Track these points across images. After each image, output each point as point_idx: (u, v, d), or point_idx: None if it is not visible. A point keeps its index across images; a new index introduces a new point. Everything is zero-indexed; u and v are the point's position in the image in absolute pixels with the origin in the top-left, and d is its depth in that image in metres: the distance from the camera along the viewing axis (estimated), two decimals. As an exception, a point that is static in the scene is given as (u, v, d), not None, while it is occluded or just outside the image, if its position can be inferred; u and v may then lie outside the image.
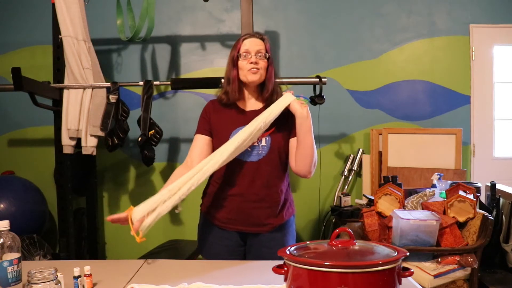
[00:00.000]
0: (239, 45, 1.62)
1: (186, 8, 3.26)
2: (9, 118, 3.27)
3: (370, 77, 3.25)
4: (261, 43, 1.63)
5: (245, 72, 1.60)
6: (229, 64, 1.65)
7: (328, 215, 3.18)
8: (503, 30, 3.23)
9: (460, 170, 3.01)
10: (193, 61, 3.27)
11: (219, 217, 1.65)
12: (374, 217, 2.28)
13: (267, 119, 1.54)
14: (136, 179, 3.26)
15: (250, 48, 1.61)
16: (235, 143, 1.50)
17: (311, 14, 3.26)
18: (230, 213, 1.63)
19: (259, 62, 1.60)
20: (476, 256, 2.12)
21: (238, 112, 1.66)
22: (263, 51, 1.62)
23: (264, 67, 1.62)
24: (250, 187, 1.60)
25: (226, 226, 1.64)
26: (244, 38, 1.64)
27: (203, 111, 1.71)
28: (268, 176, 1.61)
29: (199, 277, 1.34)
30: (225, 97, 1.65)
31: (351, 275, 0.90)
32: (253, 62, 1.59)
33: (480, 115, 3.25)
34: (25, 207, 2.73)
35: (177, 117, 3.22)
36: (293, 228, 1.74)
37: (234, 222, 1.63)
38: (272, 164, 1.62)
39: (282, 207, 1.66)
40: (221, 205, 1.64)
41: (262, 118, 1.54)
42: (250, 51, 1.60)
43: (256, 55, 1.60)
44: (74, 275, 1.20)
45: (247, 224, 1.63)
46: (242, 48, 1.61)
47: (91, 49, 2.62)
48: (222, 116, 1.66)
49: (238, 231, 1.65)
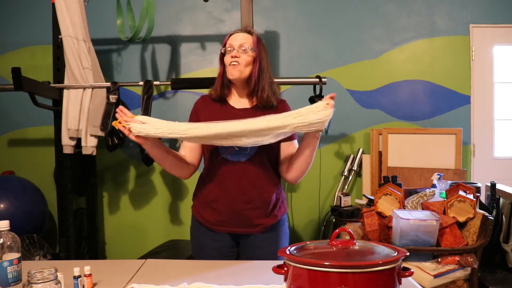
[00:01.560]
0: (225, 41, 1.60)
1: (186, 8, 3.26)
2: (9, 118, 3.27)
3: (370, 77, 3.25)
4: (246, 37, 1.58)
5: (227, 68, 1.57)
6: (219, 60, 1.64)
7: (328, 215, 3.18)
8: (503, 30, 3.23)
9: (460, 170, 3.01)
10: (193, 61, 3.27)
11: (209, 219, 1.63)
12: (374, 217, 2.28)
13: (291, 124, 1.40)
14: (136, 179, 3.26)
15: (233, 42, 1.57)
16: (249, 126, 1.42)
17: (311, 14, 3.26)
18: (220, 215, 1.61)
19: (240, 56, 1.55)
20: (476, 256, 2.12)
21: (226, 108, 1.63)
22: (247, 45, 1.55)
23: (247, 61, 1.55)
24: (239, 187, 1.58)
25: (217, 228, 1.63)
26: (231, 33, 1.61)
27: (193, 106, 1.70)
28: (257, 176, 1.59)
29: (199, 277, 1.34)
30: (213, 92, 1.64)
31: (351, 275, 0.89)
32: (233, 56, 1.55)
33: (480, 115, 3.25)
34: (25, 207, 2.73)
35: (177, 117, 3.14)
36: (286, 226, 1.72)
37: (225, 224, 1.61)
38: (261, 164, 1.59)
39: (274, 207, 1.64)
40: (211, 207, 1.62)
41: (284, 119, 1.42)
42: (233, 45, 1.57)
43: (239, 49, 1.56)
44: (74, 275, 1.20)
45: (238, 226, 1.61)
46: (227, 43, 1.59)
47: (91, 49, 2.62)
48: (211, 111, 1.63)
49: (230, 233, 1.64)
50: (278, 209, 1.66)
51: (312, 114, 1.40)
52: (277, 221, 1.66)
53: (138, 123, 1.43)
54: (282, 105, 1.65)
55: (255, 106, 1.61)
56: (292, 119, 1.41)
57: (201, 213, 1.66)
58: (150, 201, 3.25)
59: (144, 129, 1.42)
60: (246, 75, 1.58)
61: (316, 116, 1.40)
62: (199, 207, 1.67)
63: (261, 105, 1.60)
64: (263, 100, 1.59)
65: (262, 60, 1.59)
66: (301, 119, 1.40)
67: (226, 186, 1.59)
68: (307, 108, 1.43)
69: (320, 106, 1.41)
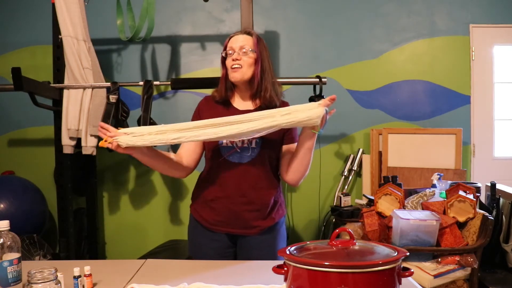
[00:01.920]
0: (225, 44, 1.60)
1: (186, 8, 3.26)
2: (9, 118, 3.27)
3: (370, 77, 3.25)
4: (246, 39, 1.57)
5: (229, 71, 1.57)
6: (221, 63, 1.64)
7: (328, 215, 3.18)
8: (503, 30, 3.23)
9: (460, 170, 3.01)
10: (193, 61, 3.27)
11: (208, 219, 1.63)
12: (374, 217, 2.28)
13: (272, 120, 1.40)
14: (136, 179, 3.26)
15: (233, 45, 1.57)
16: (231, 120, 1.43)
17: (311, 14, 3.26)
18: (218, 215, 1.61)
19: (241, 58, 1.54)
20: (476, 256, 2.12)
21: (229, 110, 1.62)
22: (247, 47, 1.55)
23: (249, 63, 1.55)
24: (238, 189, 1.58)
25: (215, 228, 1.63)
26: (231, 36, 1.61)
27: (196, 107, 1.70)
28: (257, 178, 1.59)
29: (199, 277, 1.34)
30: (217, 94, 1.64)
31: (351, 275, 0.89)
32: (234, 58, 1.55)
33: (480, 115, 3.25)
34: (25, 207, 2.73)
35: (177, 117, 3.22)
36: (283, 229, 1.72)
37: (223, 224, 1.62)
38: (262, 166, 1.59)
39: (272, 209, 1.64)
40: (210, 207, 1.63)
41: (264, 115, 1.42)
42: (234, 48, 1.57)
43: (239, 52, 1.56)
44: (74, 275, 1.20)
45: (235, 226, 1.61)
46: (228, 46, 1.59)
47: (91, 49, 2.62)
48: (213, 113, 1.62)
49: (227, 233, 1.64)
50: (275, 212, 1.66)
51: (300, 112, 1.40)
52: (274, 224, 1.66)
53: (124, 135, 1.42)
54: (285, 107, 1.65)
55: (259, 107, 1.61)
56: (280, 117, 1.40)
57: (199, 212, 1.66)
58: (150, 201, 3.25)
59: (131, 140, 1.41)
60: (248, 76, 1.57)
61: (303, 115, 1.39)
62: (198, 206, 1.67)
63: (265, 105, 1.59)
64: (266, 101, 1.59)
65: (264, 60, 1.59)
66: (288, 117, 1.40)
67: (226, 186, 1.59)
68: (296, 106, 1.42)
69: (312, 105, 1.41)
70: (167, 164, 1.59)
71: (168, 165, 1.59)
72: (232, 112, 1.60)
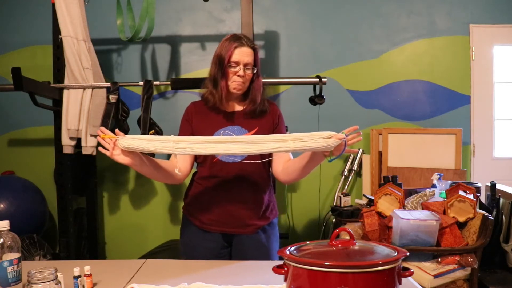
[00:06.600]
0: (230, 53, 1.56)
1: (186, 8, 3.26)
2: (9, 118, 3.27)
3: (370, 77, 3.25)
4: (251, 54, 1.58)
5: (231, 83, 1.58)
6: (215, 65, 1.60)
7: (328, 215, 3.18)
8: (503, 30, 3.23)
9: (460, 170, 3.01)
10: (193, 61, 3.27)
11: (201, 218, 1.63)
12: (374, 217, 2.28)
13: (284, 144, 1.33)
14: (136, 179, 3.26)
15: (240, 59, 1.56)
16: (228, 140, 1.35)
17: (311, 14, 3.26)
18: (212, 214, 1.61)
19: (245, 75, 1.58)
20: (476, 256, 2.12)
21: (221, 113, 1.64)
22: (251, 64, 1.58)
23: (250, 77, 1.60)
24: (233, 187, 1.59)
25: (209, 227, 1.63)
26: (236, 46, 1.56)
27: (184, 113, 1.69)
28: (251, 176, 1.60)
29: (199, 277, 1.34)
30: (211, 98, 1.62)
31: (351, 275, 0.89)
32: (240, 75, 1.56)
33: (480, 115, 3.25)
34: (25, 207, 2.73)
35: (177, 117, 3.17)
36: (277, 230, 1.73)
37: (217, 224, 1.62)
38: (255, 164, 1.60)
39: (266, 209, 1.66)
40: (203, 207, 1.63)
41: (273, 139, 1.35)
42: (239, 63, 1.56)
43: (244, 68, 1.57)
44: (74, 275, 1.20)
45: (230, 225, 1.61)
46: (233, 57, 1.56)
47: (91, 49, 2.62)
48: (204, 117, 1.63)
49: (222, 233, 1.64)
50: (270, 212, 1.68)
51: (313, 142, 1.33)
52: (269, 223, 1.67)
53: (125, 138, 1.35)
54: (273, 108, 1.69)
55: (249, 109, 1.64)
56: (292, 143, 1.33)
57: (193, 213, 1.66)
58: (150, 201, 3.25)
59: (133, 143, 1.32)
60: (245, 88, 1.62)
61: (316, 145, 1.33)
62: (191, 206, 1.67)
63: (252, 106, 1.63)
64: (256, 105, 1.62)
65: (259, 73, 1.64)
66: (301, 145, 1.33)
67: (219, 185, 1.60)
68: (310, 134, 1.33)
69: (325, 135, 1.34)
70: (166, 174, 1.55)
71: (166, 175, 1.56)
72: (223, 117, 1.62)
